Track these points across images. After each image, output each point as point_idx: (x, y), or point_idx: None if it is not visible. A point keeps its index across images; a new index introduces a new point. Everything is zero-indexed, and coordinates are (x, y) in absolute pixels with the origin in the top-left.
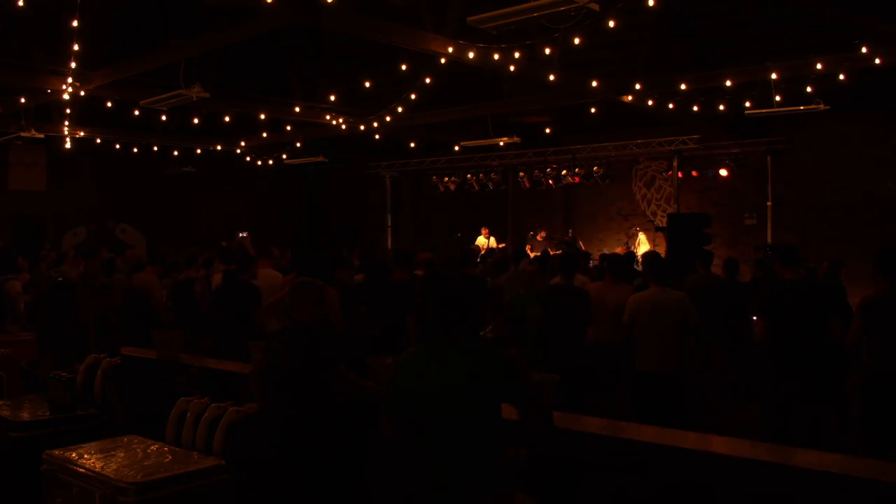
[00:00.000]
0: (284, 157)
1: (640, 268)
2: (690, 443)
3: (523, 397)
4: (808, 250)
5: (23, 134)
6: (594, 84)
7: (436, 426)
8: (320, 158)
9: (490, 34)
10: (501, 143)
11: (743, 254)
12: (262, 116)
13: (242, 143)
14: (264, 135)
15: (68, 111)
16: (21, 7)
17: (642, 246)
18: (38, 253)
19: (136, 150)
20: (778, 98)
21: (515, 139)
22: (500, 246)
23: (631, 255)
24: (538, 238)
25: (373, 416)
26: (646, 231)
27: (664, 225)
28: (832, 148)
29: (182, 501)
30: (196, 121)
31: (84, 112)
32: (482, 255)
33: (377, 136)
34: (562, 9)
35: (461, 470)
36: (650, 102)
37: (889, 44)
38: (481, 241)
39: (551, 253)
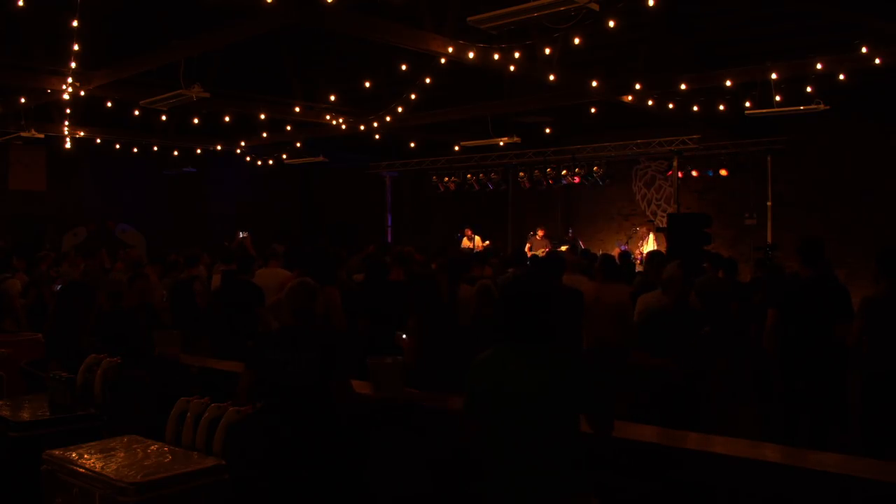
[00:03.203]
0: (284, 157)
1: (641, 267)
2: (692, 443)
3: (591, 410)
4: None
5: (23, 134)
6: (594, 84)
7: (511, 428)
8: (320, 158)
9: (490, 34)
10: (501, 143)
11: (743, 254)
12: (262, 116)
13: (242, 143)
14: (264, 135)
15: (68, 111)
16: (21, 7)
17: (648, 246)
18: (38, 253)
19: (136, 150)
20: (778, 98)
21: (515, 139)
22: (486, 244)
23: (628, 254)
24: (538, 237)
25: (374, 419)
26: (654, 231)
27: (664, 225)
28: (832, 148)
29: (182, 501)
30: (196, 121)
31: (84, 112)
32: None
33: (377, 136)
34: (562, 9)
35: (535, 472)
36: (650, 102)
37: (889, 44)
38: (466, 242)
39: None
